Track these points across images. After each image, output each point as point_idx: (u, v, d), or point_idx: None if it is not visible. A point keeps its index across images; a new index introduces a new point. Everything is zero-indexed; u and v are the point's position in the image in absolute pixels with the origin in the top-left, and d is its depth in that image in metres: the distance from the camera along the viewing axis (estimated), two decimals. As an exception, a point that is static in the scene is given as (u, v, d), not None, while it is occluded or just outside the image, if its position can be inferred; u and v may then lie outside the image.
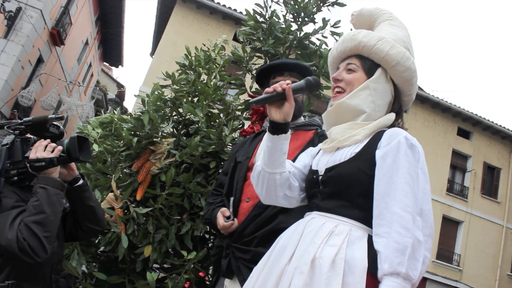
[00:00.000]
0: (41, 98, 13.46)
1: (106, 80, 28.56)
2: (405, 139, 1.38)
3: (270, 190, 1.56)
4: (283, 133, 1.47)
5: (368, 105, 1.51)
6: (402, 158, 1.34)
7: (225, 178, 2.29)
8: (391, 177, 1.32)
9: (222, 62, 3.29)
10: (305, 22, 3.17)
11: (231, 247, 2.03)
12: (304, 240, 1.38)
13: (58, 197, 1.70)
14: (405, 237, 1.22)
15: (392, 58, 1.53)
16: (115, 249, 2.70)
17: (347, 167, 1.43)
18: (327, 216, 1.41)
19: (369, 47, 1.55)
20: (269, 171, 1.52)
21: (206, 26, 16.02)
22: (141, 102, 3.00)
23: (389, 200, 1.29)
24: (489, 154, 19.94)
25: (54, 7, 13.93)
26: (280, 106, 1.45)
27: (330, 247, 1.31)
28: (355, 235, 1.33)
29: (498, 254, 18.88)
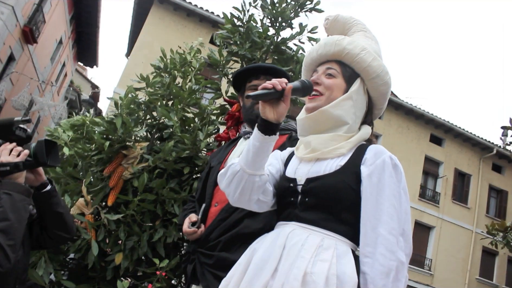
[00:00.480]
0: (12, 98, 13.12)
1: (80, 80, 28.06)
2: (390, 158, 1.39)
3: (245, 193, 1.46)
4: (273, 134, 1.41)
5: (350, 116, 1.50)
6: (388, 179, 1.36)
7: (200, 184, 2.25)
8: (377, 198, 1.34)
9: (198, 65, 3.24)
10: (283, 27, 3.15)
11: (196, 252, 1.99)
12: (289, 254, 1.33)
13: (23, 203, 1.62)
14: (390, 260, 1.25)
15: (373, 70, 1.53)
16: (84, 256, 2.61)
17: (333, 180, 1.40)
18: (310, 228, 1.38)
19: (352, 55, 1.53)
20: (249, 172, 1.43)
21: (182, 28, 15.90)
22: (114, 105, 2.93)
23: (375, 220, 1.31)
24: (460, 161, 20.37)
25: (26, 4, 13.62)
26: (275, 105, 1.38)
27: (322, 262, 1.28)
28: (341, 249, 1.32)
29: (468, 258, 19.28)
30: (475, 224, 19.77)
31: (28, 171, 1.74)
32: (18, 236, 1.58)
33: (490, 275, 19.73)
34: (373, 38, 1.69)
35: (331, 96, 1.52)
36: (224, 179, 1.50)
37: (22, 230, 1.61)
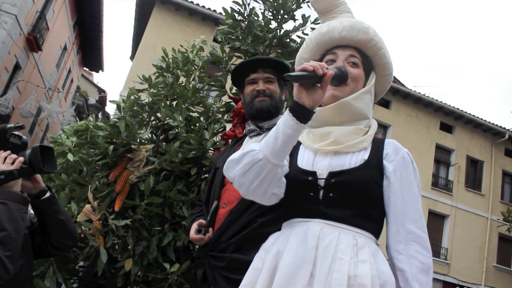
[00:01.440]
0: (20, 106, 13.15)
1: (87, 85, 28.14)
2: (408, 155, 1.40)
3: (263, 184, 1.34)
4: (306, 122, 1.29)
5: (369, 110, 1.49)
6: (411, 176, 1.37)
7: (206, 187, 2.18)
8: (402, 194, 1.34)
9: (201, 63, 3.17)
10: (285, 19, 3.07)
11: (207, 256, 1.91)
12: (324, 256, 1.23)
13: (20, 212, 1.56)
14: (428, 257, 1.29)
15: (389, 67, 1.53)
16: (94, 264, 2.56)
17: (360, 174, 1.34)
18: (338, 226, 1.30)
19: (377, 48, 1.50)
20: (274, 162, 1.31)
21: (185, 27, 15.86)
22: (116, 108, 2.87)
23: (403, 217, 1.32)
24: (472, 148, 20.13)
25: (29, 12, 13.63)
26: (311, 91, 1.27)
27: (362, 264, 1.23)
28: (373, 248, 1.30)
29: (484, 246, 19.07)
30: (490, 211, 19.54)
31: (25, 179, 1.68)
32: (16, 247, 1.52)
33: (507, 262, 19.49)
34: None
35: (356, 88, 1.47)
36: (238, 167, 1.36)
37: (20, 240, 1.55)
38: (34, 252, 1.78)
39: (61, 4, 16.61)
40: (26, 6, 13.17)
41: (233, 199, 1.92)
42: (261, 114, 2.09)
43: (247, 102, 2.15)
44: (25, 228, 1.60)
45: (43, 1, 14.68)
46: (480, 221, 19.38)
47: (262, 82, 2.11)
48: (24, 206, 1.60)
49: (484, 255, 18.90)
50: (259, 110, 2.07)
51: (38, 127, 18.19)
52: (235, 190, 1.89)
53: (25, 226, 1.60)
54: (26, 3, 13.09)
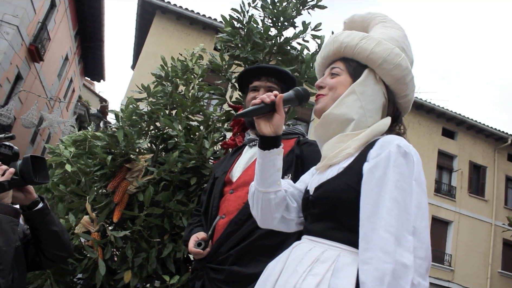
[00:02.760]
0: (21, 116, 13.16)
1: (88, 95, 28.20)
2: (397, 147, 1.18)
3: (266, 212, 1.41)
4: (274, 148, 1.35)
5: (356, 111, 1.33)
6: (392, 170, 1.15)
7: (205, 197, 2.14)
8: (379, 193, 1.13)
9: (200, 71, 3.14)
10: (285, 26, 3.04)
11: (205, 267, 1.87)
12: (287, 269, 1.23)
13: (11, 224, 1.52)
14: (384, 262, 1.04)
15: (378, 56, 1.36)
16: (92, 276, 2.52)
17: (334, 183, 1.26)
18: (315, 240, 1.25)
19: (351, 46, 1.40)
20: (262, 191, 1.38)
21: (186, 36, 15.88)
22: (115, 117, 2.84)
23: (376, 220, 1.11)
24: (474, 153, 20.06)
25: (31, 23, 13.68)
26: (270, 118, 1.34)
27: (312, 277, 1.14)
28: (343, 261, 1.15)
29: (488, 252, 18.94)
30: (493, 217, 19.43)
31: (17, 190, 1.65)
32: (7, 260, 1.48)
33: (512, 268, 19.37)
34: (394, 26, 1.52)
35: (334, 95, 1.39)
36: (249, 203, 1.48)
37: (11, 253, 1.51)
38: (27, 264, 1.74)
39: (62, 14, 16.68)
40: (27, 17, 13.22)
41: (232, 210, 1.89)
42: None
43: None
44: (16, 240, 1.56)
45: (44, 11, 14.74)
46: (484, 227, 19.26)
47: (264, 91, 2.08)
48: (15, 218, 1.56)
49: (489, 261, 18.76)
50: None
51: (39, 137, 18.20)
52: (235, 201, 1.87)
53: (17, 238, 1.56)
54: (27, 14, 13.14)
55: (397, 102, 1.44)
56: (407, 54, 1.44)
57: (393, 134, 1.32)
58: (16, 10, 12.67)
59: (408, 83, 1.41)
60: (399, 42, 1.44)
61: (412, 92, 1.44)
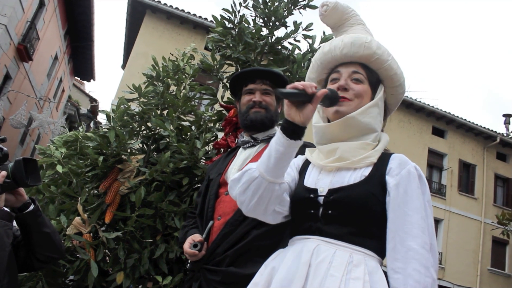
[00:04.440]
0: (10, 116, 13.05)
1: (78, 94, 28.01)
2: (415, 169, 1.33)
3: (262, 202, 1.34)
4: (299, 139, 1.29)
5: (378, 124, 1.45)
6: (416, 191, 1.29)
7: (199, 199, 2.13)
8: (404, 210, 1.26)
9: (191, 71, 3.13)
10: (276, 26, 3.04)
11: (202, 269, 1.87)
12: (316, 272, 1.22)
13: (5, 228, 1.51)
14: (426, 276, 1.18)
15: (398, 78, 1.49)
16: (84, 278, 2.50)
17: (359, 190, 1.31)
18: (335, 243, 1.27)
19: (381, 61, 1.47)
20: (269, 180, 1.31)
21: (177, 36, 15.83)
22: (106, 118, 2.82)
23: (403, 234, 1.23)
24: (464, 152, 20.22)
25: (19, 22, 13.56)
26: (302, 107, 1.28)
27: (354, 281, 1.18)
28: (371, 265, 1.23)
29: (478, 249, 19.11)
30: (483, 215, 19.61)
31: (8, 192, 1.63)
32: (1, 264, 1.47)
33: (501, 265, 19.55)
34: (370, 33, 1.60)
35: (360, 104, 1.44)
36: (238, 186, 1.37)
37: (5, 257, 1.50)
38: (18, 266, 1.73)
39: (51, 13, 16.55)
40: (16, 16, 13.10)
41: (228, 211, 1.90)
42: (255, 125, 2.07)
43: (243, 112, 2.12)
44: (9, 245, 1.55)
45: (33, 10, 14.61)
46: (474, 224, 19.43)
47: (259, 93, 2.10)
48: (9, 222, 1.55)
49: (479, 259, 18.94)
50: (253, 121, 2.06)
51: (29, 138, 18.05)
52: (230, 202, 1.87)
53: (10, 242, 1.55)
54: (16, 13, 13.02)
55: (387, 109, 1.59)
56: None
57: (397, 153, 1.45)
58: (4, 9, 12.55)
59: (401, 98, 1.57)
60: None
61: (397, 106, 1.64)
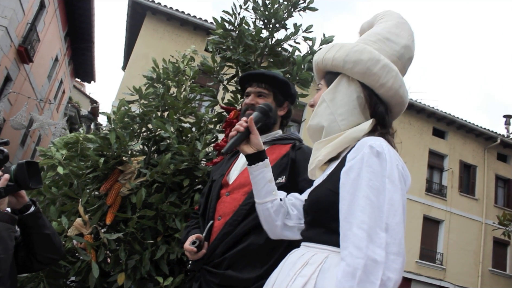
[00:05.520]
0: (11, 118, 13.05)
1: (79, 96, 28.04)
2: (370, 148, 1.22)
3: (268, 222, 1.56)
4: (260, 161, 1.57)
5: (326, 118, 1.39)
6: (364, 170, 1.19)
7: (202, 199, 2.15)
8: (354, 193, 1.18)
9: (192, 73, 3.14)
10: (276, 28, 3.05)
11: (202, 269, 1.89)
12: (282, 273, 1.30)
13: (8, 231, 1.52)
14: (357, 257, 1.08)
15: (339, 60, 1.40)
16: (85, 279, 2.51)
17: (319, 190, 1.35)
18: (309, 245, 1.32)
19: (320, 61, 1.47)
20: (260, 202, 1.56)
21: (177, 37, 15.84)
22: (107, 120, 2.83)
23: (352, 219, 1.15)
24: (465, 153, 20.21)
25: (20, 24, 13.58)
26: (248, 141, 1.59)
27: (300, 278, 1.20)
28: (330, 262, 1.20)
29: (479, 250, 19.08)
30: (484, 215, 19.59)
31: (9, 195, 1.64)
32: (5, 267, 1.48)
33: (503, 266, 19.52)
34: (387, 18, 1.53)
35: None
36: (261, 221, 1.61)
37: (10, 260, 1.51)
38: (18, 267, 1.73)
39: (52, 15, 16.57)
40: (16, 18, 13.13)
41: (228, 211, 1.92)
42: None
43: (241, 115, 2.14)
44: (13, 248, 1.55)
45: (33, 12, 14.63)
46: (475, 225, 19.41)
47: (253, 96, 2.12)
48: (12, 225, 1.56)
49: (480, 259, 18.91)
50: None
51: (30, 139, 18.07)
52: (231, 203, 1.91)
53: (13, 245, 1.56)
54: (16, 15, 13.04)
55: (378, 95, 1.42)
56: (392, 41, 1.45)
57: (375, 135, 1.33)
58: (5, 11, 12.57)
59: (377, 72, 1.37)
60: (382, 34, 1.46)
61: (389, 79, 1.39)
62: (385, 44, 1.45)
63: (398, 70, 1.41)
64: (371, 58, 1.37)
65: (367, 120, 1.39)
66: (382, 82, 1.38)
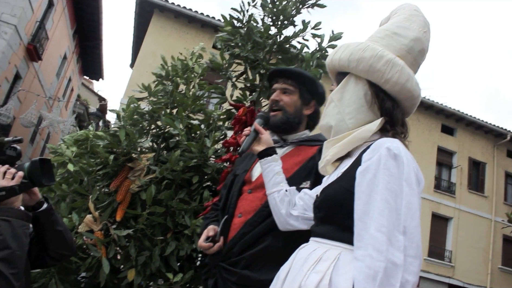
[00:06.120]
0: (20, 116, 13.16)
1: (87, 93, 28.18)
2: (387, 150, 1.23)
3: (275, 211, 1.69)
4: (268, 156, 1.76)
5: (334, 117, 1.42)
6: (382, 172, 1.20)
7: (224, 191, 2.11)
8: (370, 194, 1.19)
9: (200, 70, 3.15)
10: (285, 25, 3.04)
11: (218, 266, 1.88)
12: (293, 269, 1.31)
13: (23, 229, 1.54)
14: (377, 260, 1.10)
15: (344, 60, 1.43)
16: (96, 275, 2.54)
17: (333, 188, 1.36)
18: (320, 241, 1.32)
19: (329, 63, 1.51)
20: (268, 193, 1.71)
21: (185, 35, 15.87)
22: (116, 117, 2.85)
23: (368, 220, 1.17)
24: (474, 149, 20.08)
25: (29, 22, 13.66)
26: (258, 140, 1.82)
27: (315, 274, 1.21)
28: (344, 259, 1.21)
29: (488, 248, 18.98)
30: (493, 213, 19.46)
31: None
32: (20, 264, 1.50)
33: (512, 263, 19.41)
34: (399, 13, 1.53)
35: None
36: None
37: (24, 256, 1.53)
38: (31, 263, 1.75)
39: (60, 13, 16.65)
40: (25, 16, 13.21)
41: (249, 210, 1.89)
42: (272, 128, 2.06)
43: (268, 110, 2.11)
44: (28, 244, 1.57)
45: (42, 10, 14.72)
46: (484, 223, 19.29)
47: (278, 92, 2.07)
48: (27, 222, 1.57)
49: (489, 257, 18.80)
50: (272, 125, 2.04)
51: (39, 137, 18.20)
52: (252, 201, 1.89)
53: (28, 242, 1.58)
54: (25, 13, 13.12)
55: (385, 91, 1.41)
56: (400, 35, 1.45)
57: (389, 135, 1.35)
58: (14, 9, 12.66)
59: (381, 68, 1.38)
60: (389, 30, 1.47)
61: (393, 74, 1.38)
62: (392, 39, 1.45)
63: (405, 64, 1.41)
64: (373, 55, 1.39)
65: (376, 117, 1.40)
66: (386, 78, 1.38)
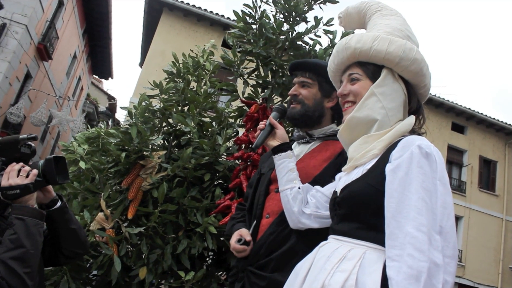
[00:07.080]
0: (31, 114, 13.26)
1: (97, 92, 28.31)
2: (419, 148, 1.21)
3: (287, 209, 1.66)
4: (282, 152, 1.73)
5: (378, 112, 1.38)
6: (415, 170, 1.18)
7: (250, 191, 2.06)
8: (403, 193, 1.17)
9: (211, 68, 3.13)
10: (297, 21, 3.01)
11: (246, 270, 1.82)
12: (315, 267, 1.27)
13: (37, 227, 1.52)
14: (420, 261, 1.07)
15: (394, 55, 1.39)
16: (108, 272, 2.52)
17: (358, 185, 1.31)
18: (342, 240, 1.28)
19: (365, 51, 1.42)
20: (281, 189, 1.68)
21: (194, 33, 15.88)
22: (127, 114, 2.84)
23: (401, 218, 1.14)
24: (485, 148, 19.89)
25: (39, 22, 13.75)
26: (273, 134, 1.79)
27: (340, 273, 1.18)
28: (369, 258, 1.18)
29: (499, 247, 18.80)
30: (504, 212, 19.28)
31: None
32: (34, 263, 1.49)
33: (524, 263, 19.22)
34: (391, 13, 1.56)
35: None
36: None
37: (38, 255, 1.52)
38: (44, 261, 1.74)
39: (70, 13, 16.75)
40: (36, 16, 13.29)
41: (277, 210, 1.83)
42: (292, 121, 2.02)
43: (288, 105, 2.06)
44: (42, 243, 1.56)
45: (52, 10, 14.81)
46: (495, 222, 19.12)
47: (297, 86, 2.01)
48: (41, 221, 1.56)
49: (500, 257, 18.63)
50: (290, 117, 1.98)
51: (49, 135, 18.31)
52: (279, 200, 1.80)
53: (42, 240, 1.56)
54: (36, 13, 13.20)
55: (418, 94, 1.46)
56: (413, 40, 1.48)
57: (415, 134, 1.35)
58: (25, 9, 12.75)
59: (426, 73, 1.43)
60: (404, 31, 1.47)
61: (429, 80, 1.46)
62: (411, 41, 1.46)
63: None
64: (422, 59, 1.41)
65: (405, 117, 1.40)
66: (426, 83, 1.45)
